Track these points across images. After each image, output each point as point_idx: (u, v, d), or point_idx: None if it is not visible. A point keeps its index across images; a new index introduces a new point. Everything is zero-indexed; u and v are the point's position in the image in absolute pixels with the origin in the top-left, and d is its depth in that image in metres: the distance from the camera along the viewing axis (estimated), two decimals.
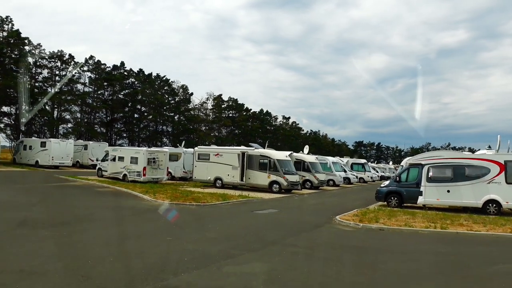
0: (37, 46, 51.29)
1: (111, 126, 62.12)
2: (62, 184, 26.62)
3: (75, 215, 14.11)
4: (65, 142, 41.63)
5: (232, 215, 15.86)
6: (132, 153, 30.91)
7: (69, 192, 21.92)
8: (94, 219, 13.41)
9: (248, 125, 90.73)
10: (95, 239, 10.29)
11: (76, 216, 13.93)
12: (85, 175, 33.80)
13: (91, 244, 9.63)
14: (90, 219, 13.38)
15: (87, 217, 13.79)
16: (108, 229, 11.94)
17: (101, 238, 10.47)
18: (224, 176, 29.37)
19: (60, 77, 54.45)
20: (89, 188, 24.78)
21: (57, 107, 55.10)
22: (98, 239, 10.33)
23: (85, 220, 13.01)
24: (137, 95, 63.47)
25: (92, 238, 10.35)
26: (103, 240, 10.30)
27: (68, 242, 9.81)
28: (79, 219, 13.17)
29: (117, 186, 25.40)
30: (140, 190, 22.73)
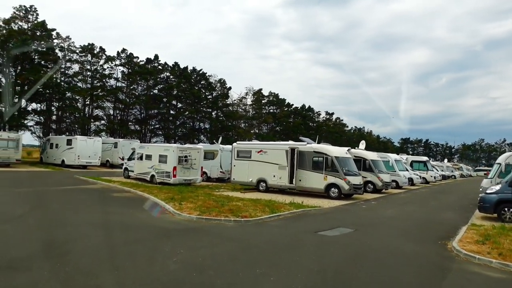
0: (66, 39, 48.11)
1: (146, 123, 58.39)
2: (76, 187, 22.30)
3: (48, 242, 9.28)
4: (92, 140, 37.80)
5: (290, 243, 10.51)
6: (161, 151, 26.35)
7: (75, 199, 17.40)
8: (69, 252, 8.47)
9: (289, 121, 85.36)
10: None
11: (49, 244, 9.09)
12: (111, 176, 29.64)
13: None
14: (63, 252, 8.42)
15: (64, 246, 8.89)
16: (70, 281, 6.77)
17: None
18: (269, 177, 24.19)
19: (91, 71, 51.11)
20: (104, 192, 20.25)
21: (89, 103, 51.83)
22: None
23: (52, 256, 8.08)
24: (172, 90, 59.45)
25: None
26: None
27: None
28: (46, 253, 8.29)
29: (139, 190, 20.75)
30: (164, 197, 17.90)
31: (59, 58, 47.02)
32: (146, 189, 21.16)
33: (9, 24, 40.31)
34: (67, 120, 49.91)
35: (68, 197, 18.21)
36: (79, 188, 22.14)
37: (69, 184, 23.94)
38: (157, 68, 57.48)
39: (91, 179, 26.52)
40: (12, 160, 33.58)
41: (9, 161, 33.49)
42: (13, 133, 34.47)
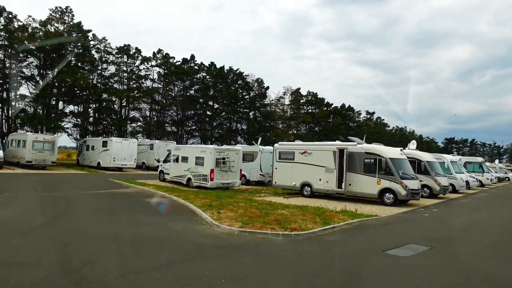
0: (102, 40, 47.66)
1: (182, 125, 57.38)
2: (108, 191, 20.96)
3: (62, 264, 7.62)
4: (127, 141, 36.82)
5: (358, 268, 8.33)
6: (197, 152, 24.76)
7: (105, 205, 15.90)
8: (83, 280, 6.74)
9: (329, 121, 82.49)
10: None
11: (62, 266, 7.44)
12: (146, 179, 28.37)
13: None
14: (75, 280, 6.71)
15: (78, 271, 7.18)
16: None
17: None
18: (314, 181, 22.02)
19: (127, 73, 50.52)
20: (137, 197, 18.71)
21: (125, 105, 51.26)
22: None
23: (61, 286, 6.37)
24: (209, 90, 58.17)
25: None
26: None
27: None
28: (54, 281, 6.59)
29: (174, 195, 19.11)
30: (201, 203, 16.13)
31: (95, 60, 46.60)
32: (181, 194, 19.50)
33: (46, 26, 40.06)
34: (104, 122, 49.47)
35: (98, 202, 16.76)
36: (111, 192, 20.78)
37: (102, 187, 22.68)
38: (193, 68, 56.38)
39: (125, 183, 25.25)
40: (48, 162, 32.99)
41: (45, 163, 32.91)
42: (49, 135, 33.92)
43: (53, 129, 39.32)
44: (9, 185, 21.67)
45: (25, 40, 39.52)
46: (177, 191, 20.95)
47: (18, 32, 39.46)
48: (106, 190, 21.59)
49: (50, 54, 39.84)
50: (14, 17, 40.95)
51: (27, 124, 38.64)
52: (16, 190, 19.80)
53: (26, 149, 32.00)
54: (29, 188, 20.66)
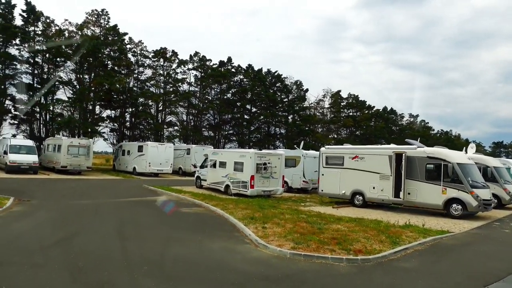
0: (138, 44, 46.94)
1: (219, 129, 55.92)
2: (141, 199, 19.37)
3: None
4: (163, 146, 35.50)
5: None
6: (236, 157, 22.88)
7: (135, 216, 14.20)
8: None
9: (371, 125, 79.04)
10: None
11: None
12: (182, 185, 26.81)
13: None
14: None
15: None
16: None
17: None
18: (366, 189, 19.62)
19: (164, 76, 49.58)
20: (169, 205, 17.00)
21: (162, 109, 50.31)
22: None
23: None
24: (246, 93, 56.51)
25: None
26: None
27: None
28: None
29: (211, 205, 17.27)
30: (242, 215, 14.19)
31: (131, 63, 45.90)
32: (219, 203, 17.63)
33: (82, 30, 39.60)
34: (140, 126, 48.69)
35: (128, 213, 15.09)
36: (144, 200, 19.17)
37: (135, 195, 21.16)
38: (230, 71, 54.87)
39: (160, 189, 23.69)
40: (83, 167, 32.09)
41: (80, 168, 32.02)
42: (84, 139, 33.06)
43: (89, 134, 38.63)
44: (40, 191, 20.53)
45: (62, 45, 39.19)
46: (215, 200, 19.11)
47: (55, 37, 39.19)
48: (139, 197, 20.03)
49: (86, 57, 39.25)
50: (52, 21, 40.81)
51: (64, 129, 38.13)
52: (44, 197, 18.55)
53: (61, 154, 31.22)
54: (58, 195, 19.39)
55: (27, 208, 15.14)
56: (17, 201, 16.49)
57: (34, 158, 29.88)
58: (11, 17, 39.69)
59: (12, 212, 14.04)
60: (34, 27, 41.08)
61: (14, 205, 15.46)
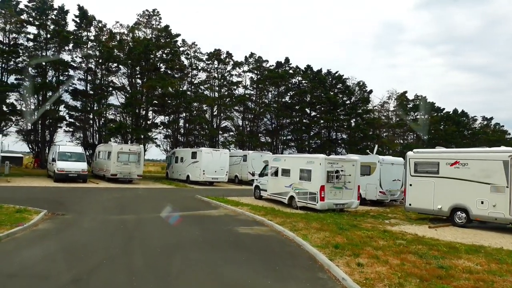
0: (192, 46, 44.83)
1: (277, 134, 52.58)
2: (191, 213, 16.30)
3: None
4: (218, 152, 32.65)
5: None
6: (303, 164, 19.39)
7: (182, 238, 11.01)
8: None
9: (440, 128, 72.39)
10: None
11: None
12: (239, 195, 23.72)
13: None
14: None
15: None
16: None
17: None
18: (472, 204, 15.33)
19: (218, 79, 47.14)
20: (227, 225, 13.68)
21: (216, 114, 47.82)
22: None
23: None
24: (306, 95, 52.80)
25: None
26: None
27: None
28: None
29: (276, 222, 13.86)
30: (319, 239, 10.68)
31: (185, 66, 43.83)
32: (286, 221, 14.17)
33: (133, 32, 37.96)
34: (195, 132, 46.45)
35: (174, 234, 11.95)
36: (195, 215, 16.08)
37: (185, 208, 18.17)
38: (288, 72, 51.46)
39: (214, 201, 20.59)
40: (134, 175, 29.86)
41: (130, 176, 29.81)
42: (134, 145, 30.89)
43: (142, 140, 36.70)
44: (80, 202, 18.11)
45: (114, 48, 37.75)
46: (279, 216, 15.66)
47: (109, 42, 37.82)
48: (189, 211, 16.98)
49: (138, 61, 37.52)
50: (104, 26, 39.61)
51: (115, 135, 36.48)
52: (82, 210, 16.00)
53: (111, 161, 29.19)
54: (99, 208, 16.80)
55: (55, 225, 12.51)
56: (49, 216, 14.06)
57: (83, 165, 28.01)
58: (64, 23, 38.92)
59: (34, 231, 11.40)
60: (86, 32, 40.12)
61: (42, 221, 12.95)
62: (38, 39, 37.73)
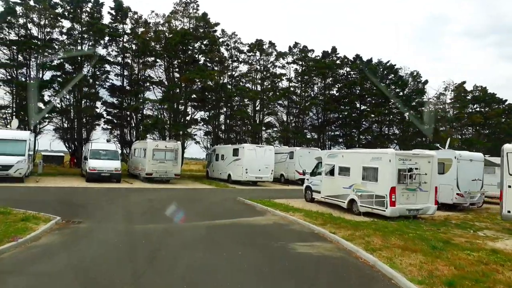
0: (231, 36, 42.03)
1: (323, 130, 48.88)
2: (232, 221, 13.29)
3: None
4: (262, 149, 29.57)
5: None
6: (366, 160, 16.04)
7: (218, 260, 8.01)
8: None
9: (502, 121, 65.85)
10: None
11: None
12: (287, 197, 20.63)
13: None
14: None
15: None
16: None
17: None
18: None
19: (260, 72, 44.09)
20: (278, 239, 10.51)
21: (259, 109, 44.79)
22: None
23: None
24: (355, 87, 48.79)
25: None
26: None
27: None
28: None
29: (341, 236, 10.62)
30: (414, 266, 7.54)
31: (225, 58, 41.10)
32: (354, 234, 10.89)
33: (170, 21, 35.60)
34: (236, 128, 43.64)
35: (208, 255, 8.89)
36: (237, 224, 13.05)
37: (225, 213, 15.24)
38: (335, 62, 47.59)
39: (260, 205, 17.51)
40: (171, 175, 27.33)
41: (167, 176, 27.30)
42: (171, 142, 28.34)
43: (181, 137, 34.21)
44: (106, 206, 15.60)
45: (150, 41, 35.57)
46: (342, 225, 12.36)
47: (145, 34, 35.65)
48: (230, 218, 13.98)
49: (175, 52, 35.14)
50: (140, 17, 37.54)
51: (151, 131, 34.19)
52: (104, 216, 13.44)
53: (146, 159, 26.82)
54: (124, 213, 14.19)
55: (62, 238, 9.95)
56: (61, 225, 11.65)
57: (116, 164, 25.77)
58: (99, 16, 37.14)
59: (29, 249, 8.80)
60: (122, 25, 38.22)
61: (48, 233, 10.45)
62: (73, 34, 36.14)
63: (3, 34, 33.75)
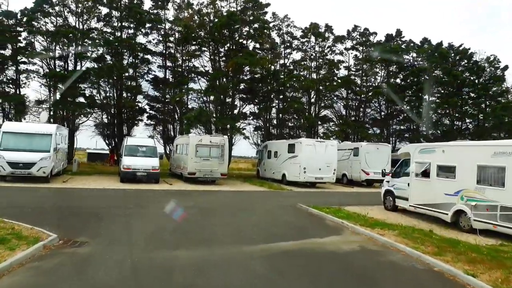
0: (284, 19, 37.75)
1: (387, 124, 43.44)
2: (297, 244, 9.07)
3: None
4: (323, 144, 25.00)
5: None
6: (485, 156, 11.33)
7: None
8: None
9: None
10: None
11: None
12: (357, 204, 16.23)
13: None
14: None
15: None
16: None
17: None
18: None
19: (315, 59, 39.53)
20: (379, 285, 6.31)
21: (314, 101, 40.21)
22: None
23: None
24: (421, 75, 42.98)
25: None
26: None
27: None
28: None
29: (486, 282, 6.11)
30: None
31: (276, 44, 36.94)
32: (507, 274, 6.35)
33: (215, 2, 31.87)
34: (288, 122, 39.28)
35: None
36: (306, 251, 8.79)
37: (285, 229, 11.05)
38: (400, 47, 41.99)
39: (329, 216, 13.15)
40: (216, 174, 23.51)
41: (212, 176, 23.51)
42: (216, 136, 24.46)
43: (228, 131, 30.34)
44: (127, 217, 11.87)
45: (195, 27, 32.04)
46: (472, 256, 7.85)
47: (188, 20, 32.12)
48: (294, 240, 9.72)
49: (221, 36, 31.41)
50: (182, 1, 34.08)
51: (195, 125, 30.51)
52: (120, 233, 9.76)
53: (188, 156, 23.17)
54: (148, 229, 10.33)
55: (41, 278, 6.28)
56: (56, 247, 8.24)
57: (154, 162, 22.30)
58: (140, 2, 34.03)
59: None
60: (164, 10, 34.96)
61: (27, 263, 7.17)
62: (111, 20, 33.27)
63: (39, 23, 31.44)
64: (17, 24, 31.08)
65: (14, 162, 18.58)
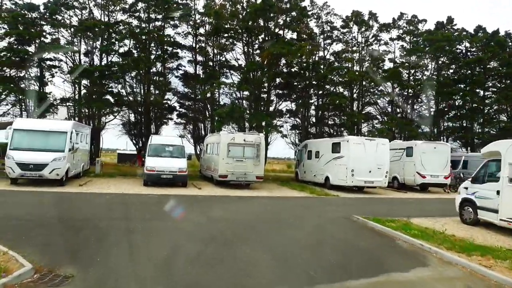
0: (323, 8, 34.65)
1: (437, 122, 39.42)
2: (377, 284, 6.22)
3: None
4: (374, 143, 21.66)
5: None
6: None
7: None
8: None
9: None
10: None
11: None
12: (419, 214, 13.03)
13: None
14: None
15: None
16: None
17: None
18: None
19: (358, 52, 36.18)
20: None
21: (357, 97, 36.85)
22: None
23: None
24: (476, 66, 38.77)
25: None
26: None
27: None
28: None
29: None
30: None
31: (315, 35, 33.89)
32: None
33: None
34: (328, 120, 36.07)
35: None
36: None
37: (345, 257, 8.10)
38: (452, 35, 37.95)
39: (401, 234, 10.03)
40: (251, 177, 20.68)
41: (246, 179, 20.70)
42: (251, 134, 21.67)
43: (263, 129, 27.49)
44: (137, 233, 9.21)
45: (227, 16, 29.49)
46: None
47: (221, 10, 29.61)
48: (364, 277, 6.75)
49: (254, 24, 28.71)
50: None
51: (227, 122, 27.78)
52: (120, 260, 7.09)
53: (219, 156, 20.51)
54: (158, 254, 7.62)
55: None
56: (24, 284, 5.43)
57: (181, 163, 19.74)
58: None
59: None
60: (194, 1, 32.62)
61: None
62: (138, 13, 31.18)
63: (62, 16, 29.74)
64: (41, 18, 29.47)
65: (24, 163, 16.51)
